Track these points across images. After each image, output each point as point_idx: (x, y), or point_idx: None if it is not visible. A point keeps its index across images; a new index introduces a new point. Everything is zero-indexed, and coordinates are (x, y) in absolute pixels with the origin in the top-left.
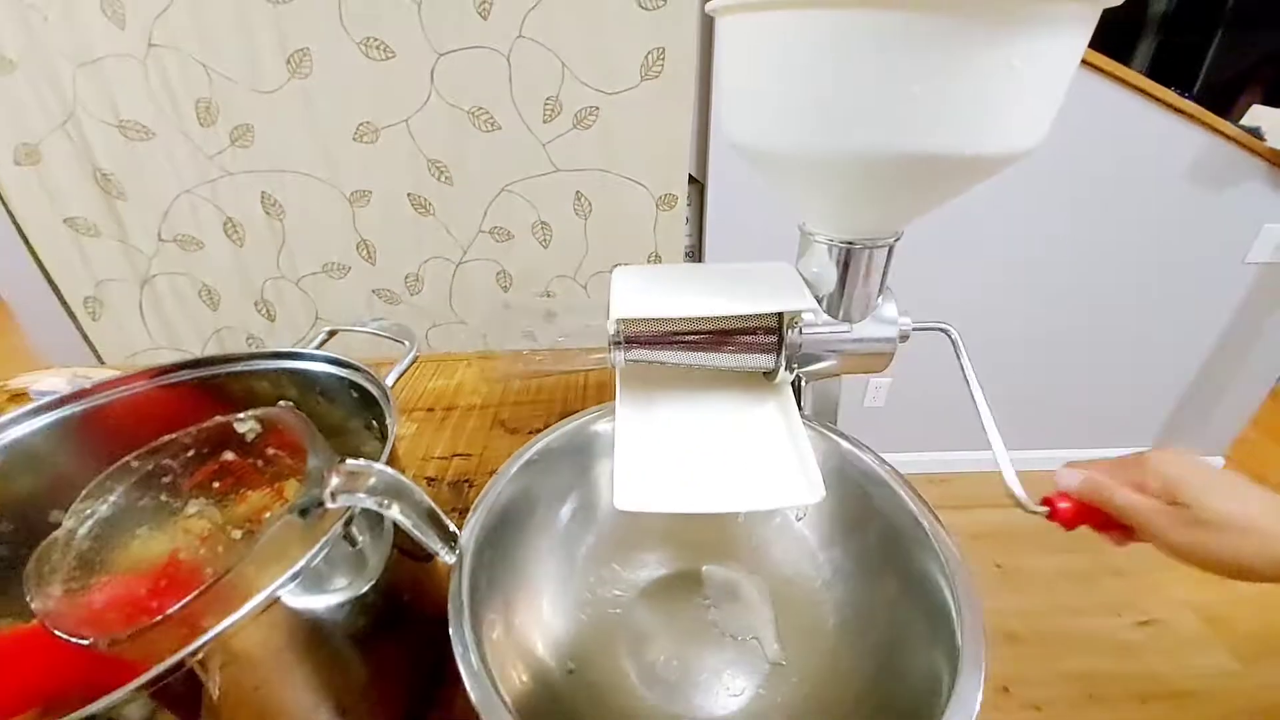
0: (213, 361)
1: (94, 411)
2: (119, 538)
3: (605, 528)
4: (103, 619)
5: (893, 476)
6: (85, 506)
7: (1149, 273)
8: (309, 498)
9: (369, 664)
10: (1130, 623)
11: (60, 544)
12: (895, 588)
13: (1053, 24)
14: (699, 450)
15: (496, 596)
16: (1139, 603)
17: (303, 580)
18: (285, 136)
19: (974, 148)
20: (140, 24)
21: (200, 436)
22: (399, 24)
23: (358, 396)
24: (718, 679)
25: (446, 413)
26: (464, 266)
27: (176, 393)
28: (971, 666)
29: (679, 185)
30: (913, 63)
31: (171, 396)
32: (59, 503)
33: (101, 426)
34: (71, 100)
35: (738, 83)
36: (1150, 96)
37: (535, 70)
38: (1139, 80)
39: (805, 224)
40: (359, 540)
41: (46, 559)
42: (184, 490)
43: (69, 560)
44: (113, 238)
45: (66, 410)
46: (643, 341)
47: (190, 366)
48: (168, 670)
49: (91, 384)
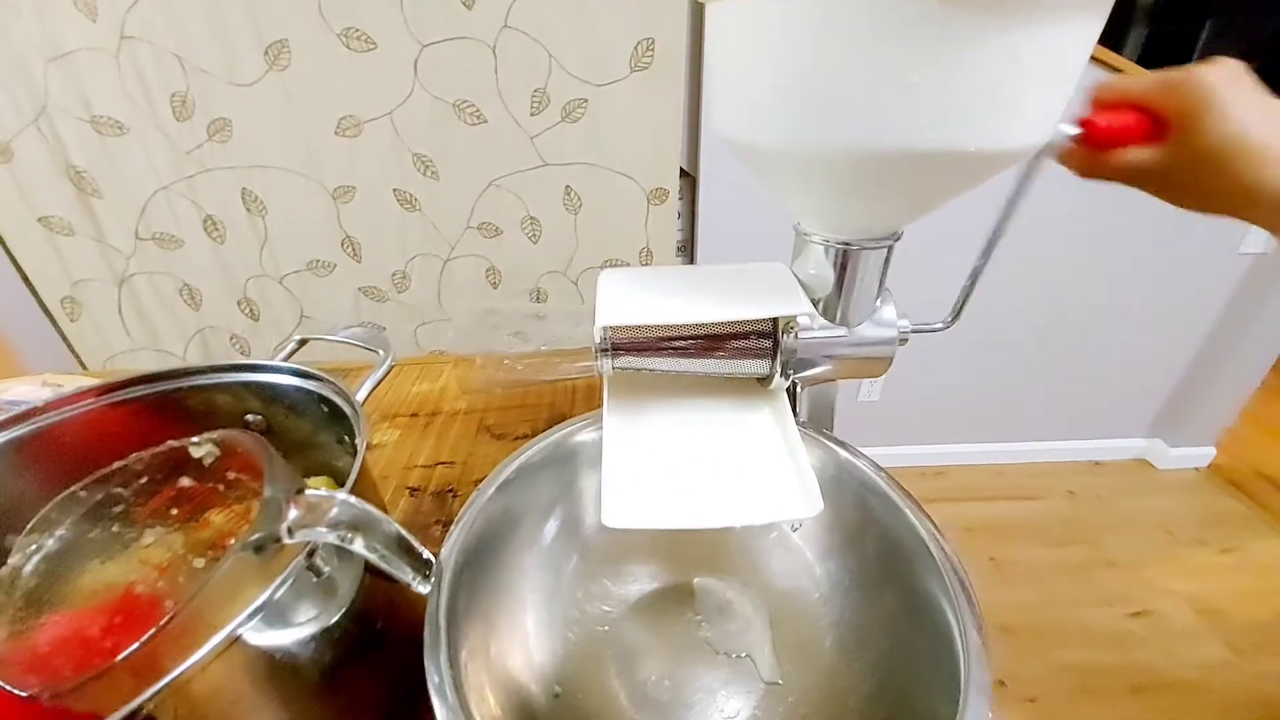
0: (169, 376)
1: (40, 434)
2: (69, 573)
3: (593, 542)
4: (50, 664)
5: (891, 486)
6: (30, 541)
7: (1142, 264)
8: (264, 534)
9: (341, 694)
10: (1124, 614)
11: (4, 583)
12: (894, 602)
13: (1064, 12)
14: (690, 461)
15: (477, 619)
16: (1133, 594)
17: (265, 616)
18: (265, 131)
19: (977, 143)
20: (113, 16)
21: (153, 462)
22: (380, 14)
23: (327, 410)
24: (711, 699)
25: (430, 419)
26: (452, 263)
27: (129, 410)
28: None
29: (670, 179)
30: (911, 51)
31: (123, 415)
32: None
33: (49, 450)
34: (43, 95)
35: (728, 73)
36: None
37: (521, 61)
38: (1131, 68)
39: (801, 224)
40: (324, 570)
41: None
42: (139, 519)
43: (15, 600)
44: (89, 236)
45: (7, 434)
46: (631, 348)
47: (144, 382)
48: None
49: (49, 399)
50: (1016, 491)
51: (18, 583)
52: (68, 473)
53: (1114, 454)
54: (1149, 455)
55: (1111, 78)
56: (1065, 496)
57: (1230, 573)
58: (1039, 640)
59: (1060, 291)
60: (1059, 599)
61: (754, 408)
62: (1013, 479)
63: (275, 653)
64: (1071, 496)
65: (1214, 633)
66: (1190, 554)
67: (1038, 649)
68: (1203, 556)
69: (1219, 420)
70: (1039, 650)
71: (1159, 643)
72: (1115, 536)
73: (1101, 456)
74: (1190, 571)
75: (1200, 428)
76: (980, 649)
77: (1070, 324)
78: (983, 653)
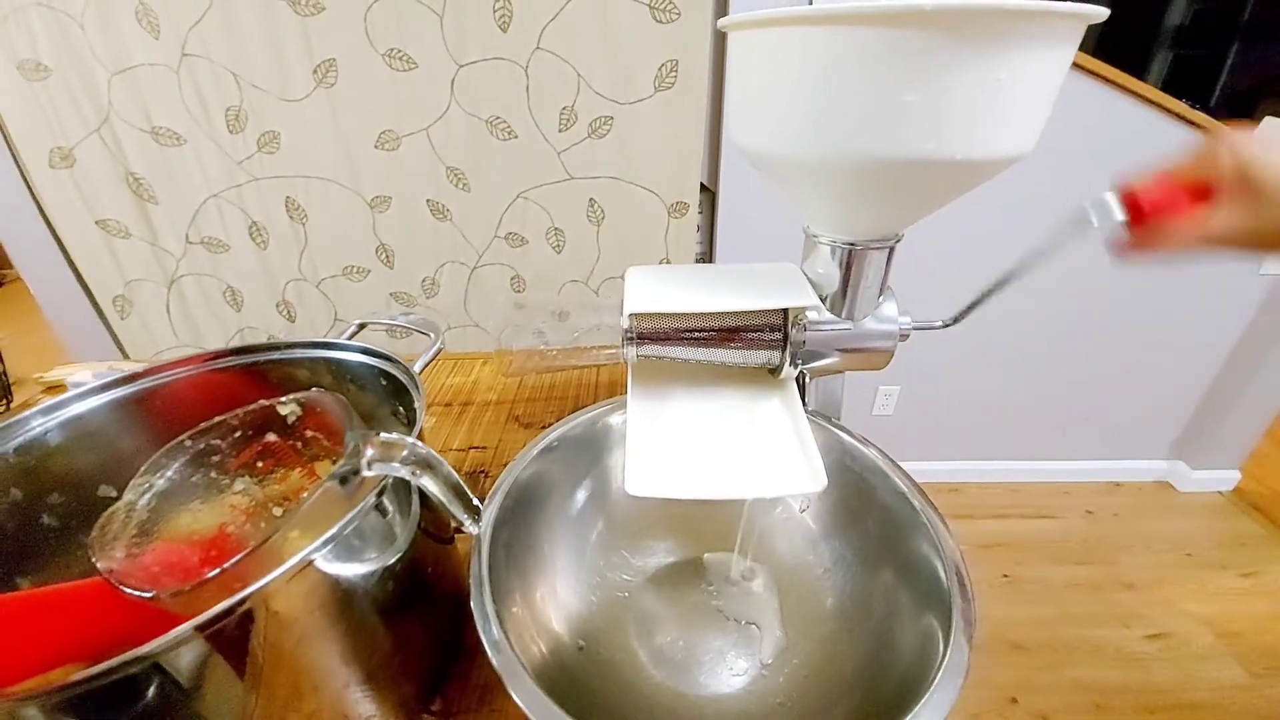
0: (257, 349)
1: (149, 392)
2: (173, 510)
3: (615, 515)
4: (160, 580)
5: (892, 469)
6: (143, 480)
7: (1163, 284)
8: (348, 465)
9: (393, 634)
10: (1140, 635)
11: (121, 513)
12: (893, 575)
13: (1036, 40)
14: (706, 441)
15: (513, 573)
16: (1150, 615)
17: (337, 547)
18: (310, 143)
19: (965, 153)
20: (174, 34)
21: (246, 419)
22: (422, 36)
23: (386, 385)
24: (721, 659)
25: (464, 408)
26: (479, 271)
27: (225, 376)
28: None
29: (691, 193)
30: (906, 75)
31: (221, 380)
32: (109, 478)
33: (156, 406)
34: (106, 106)
35: (746, 93)
36: (1163, 109)
37: (552, 81)
38: (1152, 93)
39: (810, 226)
40: (389, 510)
41: (109, 526)
42: (231, 469)
43: (130, 529)
44: (143, 239)
45: (123, 390)
46: (653, 338)
47: (237, 353)
48: (218, 616)
49: (149, 366)
50: (1033, 510)
51: (133, 514)
52: (170, 427)
53: (1134, 475)
54: (1170, 478)
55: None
56: (1083, 516)
57: (1250, 596)
58: (1052, 657)
59: (1081, 311)
60: (1074, 617)
61: (765, 396)
62: (1029, 497)
63: (341, 583)
64: (1089, 516)
65: (1231, 655)
66: (1210, 577)
67: (1050, 666)
68: (1222, 579)
69: (1242, 443)
70: (1051, 667)
71: (1175, 664)
72: (1133, 557)
73: (1121, 477)
74: (1209, 594)
75: (1223, 450)
76: (964, 608)
77: (1091, 343)
78: (967, 610)
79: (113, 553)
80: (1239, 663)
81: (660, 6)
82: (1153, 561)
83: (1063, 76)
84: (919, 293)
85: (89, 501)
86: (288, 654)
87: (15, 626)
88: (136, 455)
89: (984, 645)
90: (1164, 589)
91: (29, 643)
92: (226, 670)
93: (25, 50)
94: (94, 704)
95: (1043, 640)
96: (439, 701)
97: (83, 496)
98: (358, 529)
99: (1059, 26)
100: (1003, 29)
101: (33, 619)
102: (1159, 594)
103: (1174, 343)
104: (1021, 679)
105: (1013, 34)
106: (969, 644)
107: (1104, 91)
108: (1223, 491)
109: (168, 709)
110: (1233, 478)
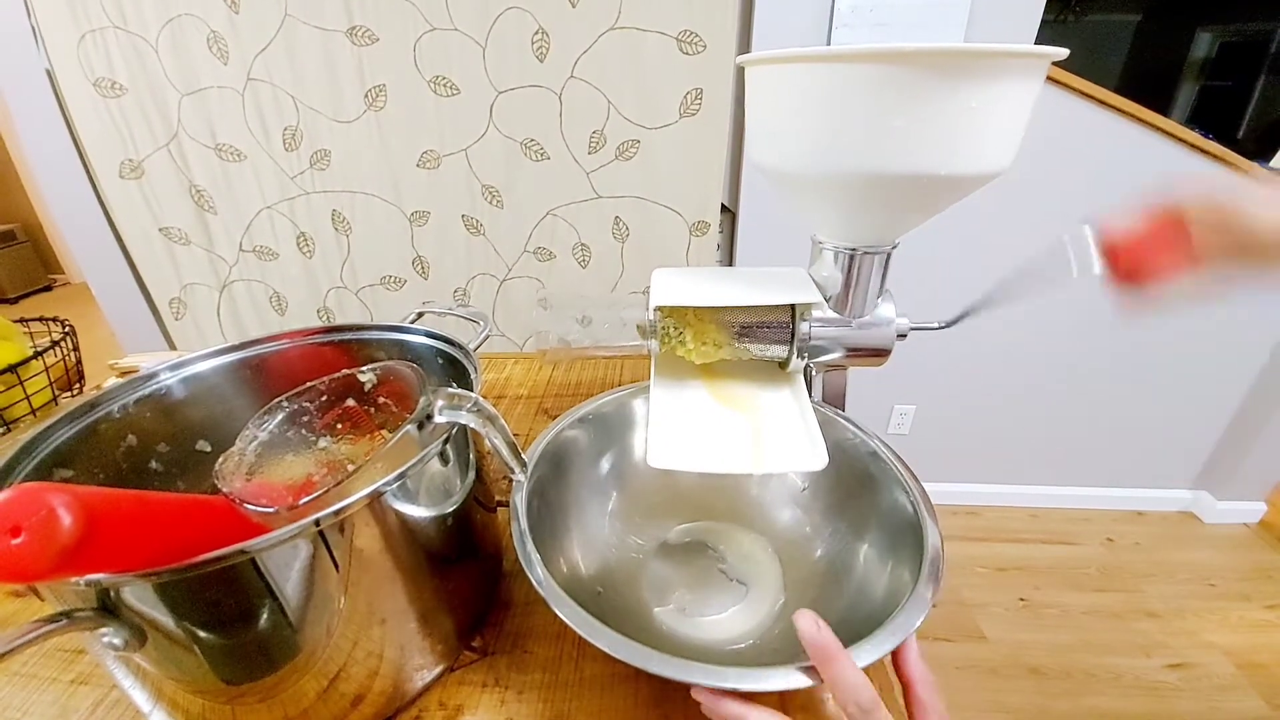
0: (343, 329)
1: (259, 358)
2: (273, 458)
3: (633, 486)
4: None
5: (888, 453)
6: (250, 432)
7: (1187, 311)
8: (422, 410)
9: (444, 577)
10: (1161, 664)
11: (234, 456)
12: (880, 543)
13: (1000, 75)
14: (720, 422)
15: (544, 522)
16: (1171, 645)
17: (405, 487)
18: (358, 161)
19: (947, 169)
20: (242, 60)
21: (332, 385)
22: (465, 65)
23: (443, 363)
24: (724, 611)
25: (496, 401)
26: (508, 283)
27: (317, 349)
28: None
29: (712, 213)
30: (894, 104)
31: (314, 352)
32: (206, 434)
33: (262, 370)
34: (175, 123)
35: (762, 118)
36: (1184, 142)
37: (583, 106)
38: (1171, 126)
39: (816, 234)
40: (450, 460)
41: (226, 464)
42: (317, 429)
43: (242, 469)
44: (200, 246)
45: (237, 355)
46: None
47: (326, 331)
48: (325, 516)
49: (259, 337)
50: (1051, 535)
51: (243, 458)
52: (272, 388)
53: (1157, 504)
54: (1195, 508)
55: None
56: (1102, 544)
57: (1274, 629)
58: (1068, 683)
59: (1103, 339)
60: (1092, 644)
61: (775, 386)
62: (1047, 523)
63: (405, 519)
64: (1109, 544)
65: (1253, 687)
66: (1233, 608)
67: (1066, 692)
68: (1246, 611)
69: (1269, 474)
70: (1067, 694)
71: (1195, 695)
72: (1155, 586)
73: (1144, 506)
74: (1232, 625)
75: (1249, 481)
76: (938, 550)
77: (1113, 371)
78: (938, 555)
79: (234, 482)
80: (1260, 695)
81: (687, 40)
82: (1175, 591)
83: (1031, 103)
84: (926, 299)
85: (188, 453)
86: (367, 571)
87: (156, 520)
88: (232, 417)
89: (1000, 669)
90: (1186, 619)
91: (166, 534)
92: (325, 570)
93: (101, 69)
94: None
95: (1061, 666)
96: (479, 638)
97: (184, 448)
98: (425, 474)
99: (1015, 65)
100: (969, 66)
101: (171, 514)
102: (1181, 624)
103: (1199, 370)
104: (1038, 705)
105: (979, 70)
106: (935, 583)
107: (1124, 123)
108: (1248, 524)
109: (278, 607)
110: (1259, 510)
